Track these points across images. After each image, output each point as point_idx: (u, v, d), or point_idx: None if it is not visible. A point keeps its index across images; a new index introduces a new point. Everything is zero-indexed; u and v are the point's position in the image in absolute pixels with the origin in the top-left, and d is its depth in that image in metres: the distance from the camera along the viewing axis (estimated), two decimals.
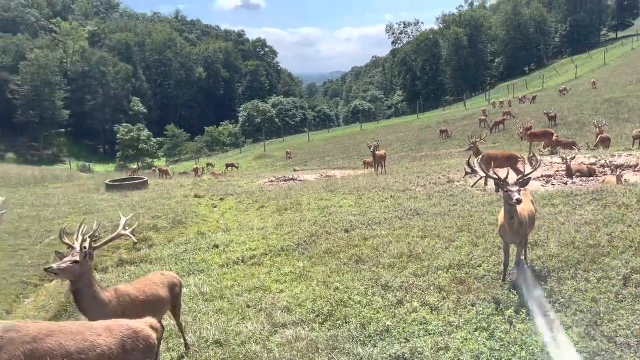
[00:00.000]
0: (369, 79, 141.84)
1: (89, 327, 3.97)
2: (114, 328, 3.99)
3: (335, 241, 9.92)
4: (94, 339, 3.81)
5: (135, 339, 3.99)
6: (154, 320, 4.48)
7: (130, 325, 4.09)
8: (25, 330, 3.62)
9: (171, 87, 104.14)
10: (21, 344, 3.54)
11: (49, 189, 26.01)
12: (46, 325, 3.85)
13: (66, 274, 4.96)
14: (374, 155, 20.19)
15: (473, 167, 7.21)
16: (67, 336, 3.74)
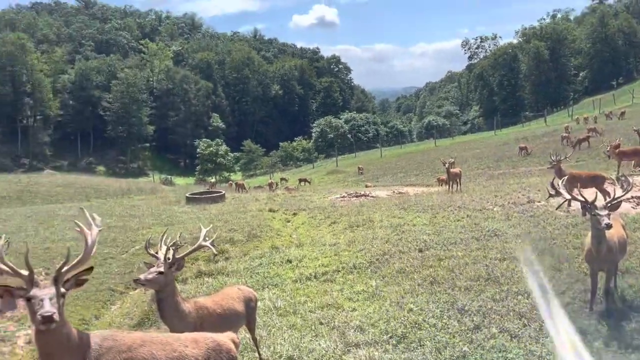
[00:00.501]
0: (444, 94, 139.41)
1: (176, 338, 4.13)
2: (200, 340, 4.13)
3: (408, 260, 9.75)
4: (182, 350, 3.96)
5: (219, 351, 4.12)
6: (234, 335, 4.61)
7: (215, 338, 4.23)
8: (122, 340, 3.79)
9: (248, 103, 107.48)
10: (118, 352, 3.71)
11: (134, 200, 27.53)
12: (139, 335, 4.03)
13: (152, 284, 5.21)
14: (448, 173, 19.74)
15: (557, 189, 6.88)
16: (158, 346, 3.90)
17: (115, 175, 67.50)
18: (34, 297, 3.36)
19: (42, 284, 3.44)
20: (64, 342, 3.50)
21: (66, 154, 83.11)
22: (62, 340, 3.49)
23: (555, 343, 5.76)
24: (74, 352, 3.55)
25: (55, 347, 3.48)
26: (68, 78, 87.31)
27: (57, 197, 30.98)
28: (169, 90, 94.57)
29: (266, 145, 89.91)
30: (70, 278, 3.63)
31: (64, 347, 3.51)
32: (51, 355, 3.50)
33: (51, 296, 3.35)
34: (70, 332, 3.57)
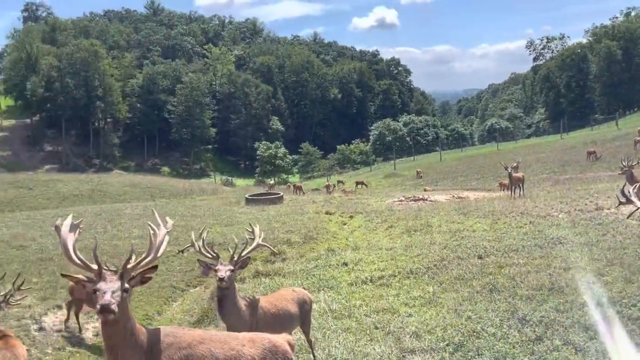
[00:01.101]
0: (507, 96, 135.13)
1: (234, 337, 4.21)
2: (257, 340, 4.20)
3: (467, 267, 9.53)
4: (239, 349, 4.03)
5: (275, 352, 4.16)
6: (290, 337, 4.68)
7: (271, 339, 4.28)
8: (182, 337, 3.91)
9: (307, 106, 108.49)
10: (178, 349, 3.82)
11: (196, 200, 28.41)
12: (199, 332, 4.15)
13: (231, 281, 5.41)
14: (511, 177, 19.08)
15: (628, 196, 6.52)
16: (217, 344, 3.98)
17: (179, 176, 69.93)
18: (98, 289, 3.54)
19: (110, 278, 3.62)
20: (127, 336, 3.65)
21: (133, 155, 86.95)
22: (125, 334, 3.64)
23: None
24: (136, 346, 3.70)
25: (118, 339, 3.63)
26: (136, 82, 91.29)
27: (125, 196, 32.46)
28: (231, 93, 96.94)
29: (324, 147, 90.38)
30: (136, 275, 3.79)
31: (127, 340, 3.65)
32: (115, 347, 3.65)
33: (114, 289, 3.51)
34: (133, 327, 3.72)
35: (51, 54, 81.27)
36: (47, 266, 12.17)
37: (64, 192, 32.16)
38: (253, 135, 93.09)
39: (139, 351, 3.69)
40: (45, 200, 29.88)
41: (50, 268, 12.01)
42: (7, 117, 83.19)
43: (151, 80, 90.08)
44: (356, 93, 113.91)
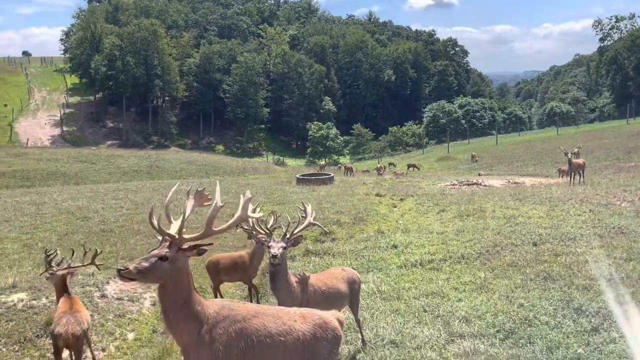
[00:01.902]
0: (570, 79, 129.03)
1: (286, 312, 4.30)
2: (308, 316, 4.29)
3: (521, 254, 9.30)
4: (291, 324, 4.13)
5: (325, 328, 4.23)
6: (340, 314, 4.73)
7: (321, 315, 4.36)
8: (237, 310, 4.05)
9: (360, 87, 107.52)
10: (233, 322, 3.95)
11: (249, 179, 28.95)
12: (253, 306, 4.27)
13: (283, 258, 5.59)
14: (571, 163, 18.34)
15: None
16: (270, 319, 4.09)
17: (233, 154, 71.31)
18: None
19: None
20: (179, 302, 3.81)
21: (189, 133, 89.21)
22: (176, 299, 3.80)
23: None
24: (190, 314, 3.84)
25: (169, 303, 3.81)
26: (193, 61, 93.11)
27: (181, 172, 33.49)
28: (284, 73, 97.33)
29: (376, 129, 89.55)
30: (192, 246, 3.92)
31: (179, 306, 3.82)
32: (167, 310, 3.82)
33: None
34: (189, 296, 3.86)
35: (114, 34, 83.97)
36: (109, 237, 12.79)
37: (124, 167, 33.54)
38: (305, 115, 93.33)
39: (193, 319, 3.83)
40: (107, 175, 31.27)
41: (111, 239, 12.62)
42: (73, 94, 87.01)
43: (207, 60, 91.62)
44: (411, 74, 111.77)
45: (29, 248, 11.51)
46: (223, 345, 3.86)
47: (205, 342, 3.83)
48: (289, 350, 4.06)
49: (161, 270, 3.71)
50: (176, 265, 3.78)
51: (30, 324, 7.98)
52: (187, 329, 3.83)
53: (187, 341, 3.87)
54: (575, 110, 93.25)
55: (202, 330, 3.84)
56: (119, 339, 8.24)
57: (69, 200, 17.52)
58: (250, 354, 3.94)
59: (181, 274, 3.82)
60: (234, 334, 3.91)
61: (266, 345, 3.97)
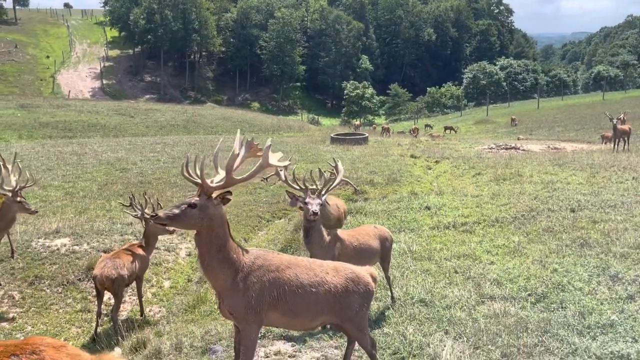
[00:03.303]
0: (620, 42, 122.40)
1: (319, 264, 4.41)
2: (340, 269, 4.39)
3: (557, 220, 9.14)
4: (323, 276, 4.25)
5: (357, 283, 4.35)
6: (373, 270, 4.80)
7: (354, 269, 4.46)
8: (271, 260, 4.17)
9: (398, 45, 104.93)
10: (267, 271, 4.08)
11: (283, 136, 29.04)
12: (287, 257, 4.38)
13: (323, 217, 5.78)
14: (615, 129, 17.68)
15: None
16: (302, 270, 4.22)
17: (268, 112, 71.42)
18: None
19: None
20: (214, 248, 3.94)
21: (225, 89, 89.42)
22: (210, 245, 3.94)
23: None
24: (225, 260, 3.98)
25: (204, 249, 3.95)
26: (230, 17, 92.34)
27: (217, 128, 33.84)
28: (322, 30, 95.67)
29: (413, 90, 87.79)
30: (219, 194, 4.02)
31: (214, 252, 3.95)
32: (202, 255, 3.98)
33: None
34: (224, 242, 3.98)
35: None
36: (147, 189, 13.13)
37: (161, 121, 34.08)
38: (341, 74, 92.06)
39: (228, 265, 3.98)
40: (145, 128, 31.86)
41: (149, 191, 12.95)
42: (112, 47, 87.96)
43: (245, 15, 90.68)
44: (452, 33, 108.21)
45: (70, 196, 11.95)
46: (256, 293, 3.99)
47: (239, 289, 3.98)
48: (320, 300, 4.18)
49: (191, 217, 3.84)
50: (206, 212, 3.88)
51: (72, 268, 8.37)
52: (222, 274, 3.97)
53: (222, 286, 4.03)
54: (624, 75, 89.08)
55: (237, 277, 3.98)
56: (155, 286, 8.57)
57: (108, 152, 18.00)
58: (282, 302, 4.07)
59: (213, 221, 3.92)
60: (267, 282, 4.04)
61: (298, 295, 4.10)
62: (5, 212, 7.50)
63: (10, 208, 7.53)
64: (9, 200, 7.48)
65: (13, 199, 7.53)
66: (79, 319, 7.38)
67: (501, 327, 5.57)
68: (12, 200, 7.51)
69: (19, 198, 7.60)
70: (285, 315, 4.16)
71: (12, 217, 7.67)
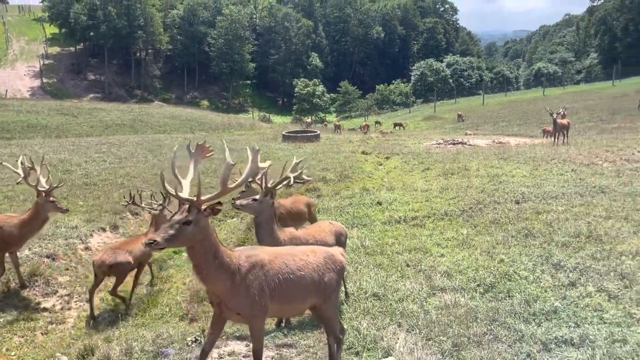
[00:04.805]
0: (559, 39, 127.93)
1: (298, 250, 4.78)
2: (317, 250, 4.79)
3: (503, 212, 9.45)
4: (305, 258, 4.58)
5: (333, 260, 4.73)
6: (342, 250, 5.17)
7: (328, 250, 4.89)
8: (261, 255, 4.39)
9: (348, 43, 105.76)
10: (261, 267, 4.30)
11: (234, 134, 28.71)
12: (271, 249, 4.66)
13: (246, 209, 5.82)
14: (555, 123, 18.46)
15: None
16: (288, 257, 4.51)
17: (218, 110, 70.35)
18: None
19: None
20: (209, 258, 4.03)
21: (173, 88, 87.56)
22: (206, 256, 4.02)
23: None
24: (221, 267, 4.08)
25: (200, 260, 4.03)
26: (177, 13, 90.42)
27: (165, 127, 33.06)
28: (271, 28, 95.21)
29: (363, 87, 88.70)
30: (208, 206, 4.10)
31: (209, 261, 4.04)
32: (198, 266, 4.06)
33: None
34: (217, 251, 4.07)
35: None
36: (92, 191, 12.69)
37: (107, 120, 32.97)
38: (292, 71, 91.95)
39: (224, 270, 4.10)
40: (89, 128, 30.76)
41: (95, 192, 12.53)
42: (52, 44, 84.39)
43: (192, 12, 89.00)
44: (399, 31, 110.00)
45: (10, 200, 11.38)
46: (257, 290, 4.22)
47: (241, 290, 4.17)
48: (308, 282, 4.50)
49: (187, 233, 3.93)
50: (199, 226, 3.97)
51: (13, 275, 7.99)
52: (221, 280, 4.11)
53: (223, 291, 4.17)
54: (562, 71, 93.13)
55: (235, 279, 4.14)
56: (103, 291, 8.29)
57: (50, 153, 17.25)
58: (278, 291, 4.34)
59: (205, 233, 4.02)
60: (263, 277, 4.28)
61: (291, 280, 4.40)
62: (40, 212, 7.69)
63: (44, 208, 7.71)
64: (42, 200, 7.67)
65: (47, 199, 7.70)
66: (22, 328, 7.05)
67: (452, 317, 5.72)
68: (45, 200, 7.68)
69: (51, 198, 7.76)
70: (281, 303, 4.42)
71: (45, 217, 7.81)
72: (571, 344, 5.08)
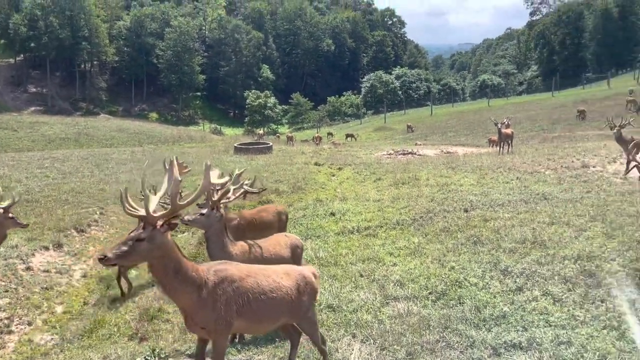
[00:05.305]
0: (501, 52, 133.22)
1: (273, 270, 4.68)
2: (291, 273, 4.71)
3: (453, 220, 9.66)
4: (279, 280, 4.52)
5: (306, 283, 4.70)
6: (315, 269, 5.13)
7: (301, 271, 4.83)
8: (232, 270, 4.33)
9: (299, 55, 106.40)
10: (231, 282, 4.25)
11: (185, 147, 28.22)
12: (245, 267, 4.56)
13: (194, 224, 5.72)
14: (500, 133, 19.12)
15: None
16: (261, 277, 4.45)
17: (167, 122, 69.10)
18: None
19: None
20: (171, 273, 3.97)
21: (121, 100, 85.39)
22: (167, 271, 3.96)
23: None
24: (186, 281, 4.02)
25: (161, 276, 3.99)
26: (123, 24, 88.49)
27: (112, 141, 32.16)
28: (221, 40, 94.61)
29: (314, 99, 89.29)
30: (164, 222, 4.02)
31: (171, 276, 3.98)
32: (161, 282, 4.03)
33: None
34: (179, 266, 4.00)
35: None
36: (34, 208, 12.16)
37: (49, 134, 31.77)
38: (243, 83, 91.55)
39: (190, 284, 4.04)
40: (31, 143, 29.55)
41: (37, 209, 12.00)
42: None
43: (139, 23, 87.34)
44: (349, 44, 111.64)
45: None
46: (224, 304, 4.16)
47: (208, 303, 4.10)
48: (279, 304, 4.46)
49: (140, 250, 3.87)
50: (155, 243, 3.90)
51: None
52: (186, 294, 4.05)
53: (188, 304, 4.10)
54: (505, 83, 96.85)
55: (202, 292, 4.08)
56: (46, 312, 7.92)
57: None
58: (247, 309, 4.29)
59: (163, 250, 3.95)
60: (232, 292, 4.22)
61: (261, 301, 4.35)
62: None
63: (3, 225, 7.59)
64: (1, 217, 7.53)
65: (5, 215, 7.59)
66: None
67: (405, 326, 5.77)
68: (4, 217, 7.57)
69: (10, 214, 7.65)
70: (250, 321, 4.38)
71: (4, 233, 7.69)
72: (519, 347, 5.22)
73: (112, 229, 11.98)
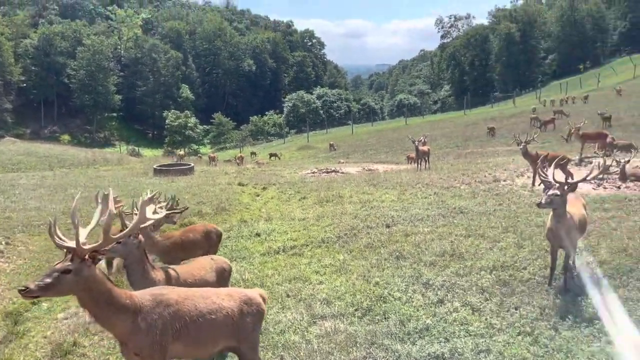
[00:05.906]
0: (416, 73, 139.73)
1: (214, 292, 4.62)
2: (234, 294, 4.66)
3: (376, 236, 9.87)
4: (219, 302, 4.45)
5: (250, 304, 4.62)
6: (263, 291, 5.05)
7: (246, 293, 4.76)
8: (169, 294, 4.26)
9: (219, 75, 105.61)
10: (167, 306, 4.17)
11: (100, 171, 26.93)
12: (183, 290, 4.47)
13: (111, 253, 5.32)
14: (417, 150, 19.89)
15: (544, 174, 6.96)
16: (200, 300, 4.37)
17: (81, 144, 65.78)
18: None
19: None
20: (101, 303, 3.89)
21: (29, 122, 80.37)
22: (97, 302, 3.87)
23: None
24: (118, 309, 3.95)
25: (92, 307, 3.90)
26: (30, 43, 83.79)
27: (19, 165, 30.05)
28: (137, 59, 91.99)
29: (237, 119, 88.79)
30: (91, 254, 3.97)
31: (102, 306, 3.90)
32: (94, 314, 3.94)
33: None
34: (109, 295, 3.92)
35: None
36: None
37: None
38: (161, 103, 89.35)
39: (123, 312, 3.97)
40: None
41: None
42: None
43: (47, 41, 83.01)
44: (270, 64, 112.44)
45: None
46: (159, 329, 4.08)
47: (142, 330, 4.02)
48: (220, 326, 4.38)
49: (65, 283, 3.74)
50: (81, 275, 3.80)
51: None
52: (120, 322, 3.97)
53: (123, 332, 4.02)
54: (420, 102, 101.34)
55: (137, 319, 4.01)
56: None
57: None
58: (184, 333, 4.20)
59: (89, 282, 3.84)
60: (168, 317, 4.14)
61: (199, 323, 4.27)
62: None
63: None
64: None
65: None
66: None
67: (332, 345, 5.78)
68: None
69: None
70: (188, 346, 4.27)
71: None
72: (443, 358, 5.39)
73: (19, 260, 11.13)
